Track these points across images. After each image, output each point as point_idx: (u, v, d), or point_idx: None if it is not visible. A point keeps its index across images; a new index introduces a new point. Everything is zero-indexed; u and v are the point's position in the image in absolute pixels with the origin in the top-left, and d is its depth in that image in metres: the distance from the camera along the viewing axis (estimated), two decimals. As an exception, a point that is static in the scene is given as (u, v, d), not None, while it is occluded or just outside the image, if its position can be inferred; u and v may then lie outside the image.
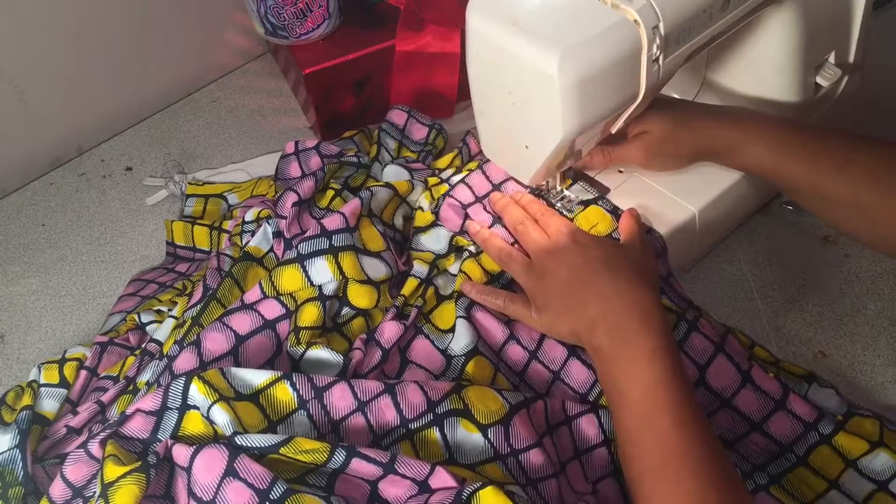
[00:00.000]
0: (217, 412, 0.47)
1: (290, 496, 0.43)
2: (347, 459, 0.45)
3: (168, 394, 0.49)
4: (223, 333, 0.54)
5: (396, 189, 0.65)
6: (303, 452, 0.45)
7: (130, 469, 0.44)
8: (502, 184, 0.66)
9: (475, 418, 0.50)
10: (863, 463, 0.52)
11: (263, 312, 0.56)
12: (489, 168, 0.67)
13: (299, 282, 0.57)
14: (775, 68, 0.65)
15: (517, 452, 0.49)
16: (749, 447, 0.55)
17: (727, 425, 0.55)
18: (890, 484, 0.51)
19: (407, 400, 0.50)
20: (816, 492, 0.52)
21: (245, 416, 0.48)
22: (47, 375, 0.59)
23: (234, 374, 0.50)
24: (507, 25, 0.50)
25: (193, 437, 0.48)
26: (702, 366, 0.56)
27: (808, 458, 0.53)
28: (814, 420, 0.53)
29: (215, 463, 0.44)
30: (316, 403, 0.50)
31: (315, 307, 0.56)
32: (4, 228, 0.80)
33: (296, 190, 0.63)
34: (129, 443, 0.48)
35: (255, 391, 0.50)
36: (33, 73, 0.78)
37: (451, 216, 0.64)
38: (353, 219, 0.60)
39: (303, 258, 0.58)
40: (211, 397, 0.47)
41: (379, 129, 0.76)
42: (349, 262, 0.58)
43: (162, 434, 0.49)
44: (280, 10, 0.76)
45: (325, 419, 0.50)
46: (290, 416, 0.49)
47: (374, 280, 0.58)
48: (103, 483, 0.44)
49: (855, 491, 0.51)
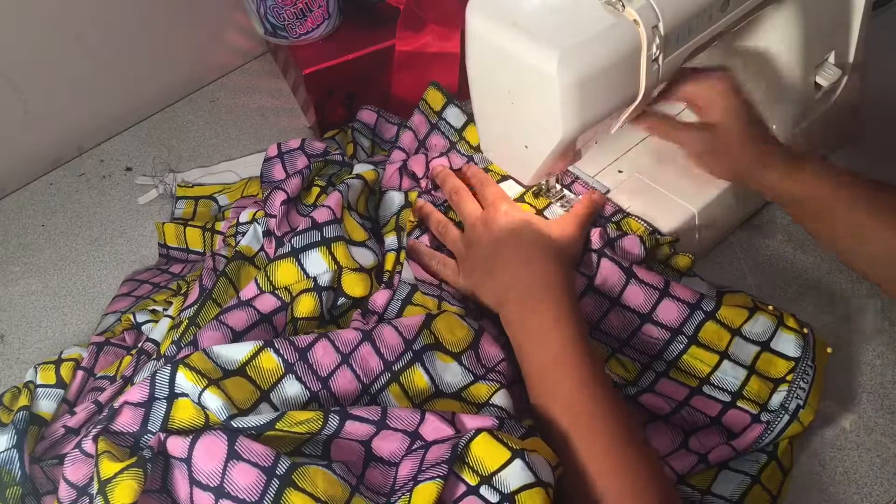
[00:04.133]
0: (209, 398, 0.47)
1: (296, 469, 0.44)
2: (342, 423, 0.46)
3: (155, 383, 0.49)
4: (220, 332, 0.54)
5: (365, 179, 0.66)
6: (297, 424, 0.46)
7: (127, 465, 0.44)
8: (427, 137, 0.71)
9: (447, 349, 0.53)
10: (746, 329, 0.56)
11: (259, 307, 0.56)
12: (414, 122, 0.72)
13: (295, 275, 0.58)
14: (775, 68, 0.65)
15: (491, 370, 0.54)
16: (643, 340, 0.58)
17: (619, 323, 0.59)
18: (771, 342, 0.56)
19: (385, 343, 0.52)
20: (710, 365, 0.56)
21: (236, 392, 0.48)
22: (44, 376, 0.58)
23: (217, 352, 0.50)
24: (507, 25, 0.50)
25: (184, 425, 0.48)
26: (590, 276, 0.60)
27: (698, 336, 0.57)
28: (696, 301, 0.57)
29: (216, 449, 0.45)
30: (302, 364, 0.50)
31: (311, 297, 0.56)
32: (4, 228, 0.80)
33: (283, 188, 0.64)
34: (120, 438, 0.48)
35: (241, 364, 0.50)
36: (33, 73, 0.78)
37: (393, 178, 0.68)
38: (338, 210, 0.61)
39: (297, 251, 0.58)
40: (200, 383, 0.47)
41: (352, 129, 0.77)
42: (342, 251, 0.58)
43: (152, 425, 0.48)
44: (280, 10, 0.76)
45: (313, 378, 0.50)
46: (280, 381, 0.50)
47: (365, 268, 0.59)
48: (100, 480, 0.44)
49: (742, 356, 0.56)
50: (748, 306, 0.57)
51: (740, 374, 0.55)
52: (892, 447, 0.57)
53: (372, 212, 0.66)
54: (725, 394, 0.55)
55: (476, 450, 0.45)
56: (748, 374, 0.55)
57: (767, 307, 0.58)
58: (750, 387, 0.55)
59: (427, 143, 0.72)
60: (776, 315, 0.57)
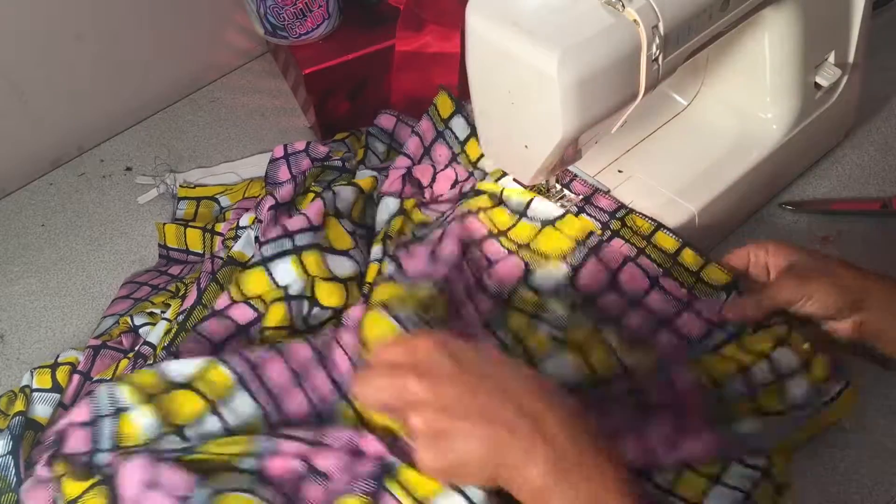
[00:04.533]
0: (138, 415, 0.47)
1: (214, 497, 0.43)
2: (274, 443, 0.46)
3: (96, 401, 0.49)
4: (199, 344, 0.54)
5: (361, 186, 0.65)
6: (227, 444, 0.46)
7: (91, 483, 0.44)
8: (432, 145, 0.69)
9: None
10: (774, 355, 0.54)
11: (236, 318, 0.56)
12: (422, 127, 0.70)
13: (265, 284, 0.57)
14: (775, 68, 0.65)
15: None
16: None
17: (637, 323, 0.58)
18: (786, 380, 0.53)
19: (338, 369, 0.51)
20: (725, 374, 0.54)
21: (181, 405, 0.48)
22: (40, 380, 0.58)
23: (164, 368, 0.50)
24: (507, 25, 0.50)
25: (133, 441, 0.48)
26: (614, 270, 0.60)
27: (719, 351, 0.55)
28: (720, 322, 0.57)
29: (137, 473, 0.44)
30: (254, 379, 0.50)
31: (281, 307, 0.56)
32: (4, 228, 0.80)
33: (273, 195, 0.63)
34: (73, 458, 0.48)
35: (191, 379, 0.50)
36: (33, 73, 0.78)
37: (395, 184, 0.66)
38: (316, 218, 0.60)
39: (266, 260, 0.58)
40: (134, 399, 0.47)
41: (367, 133, 0.76)
42: (313, 260, 0.58)
43: (103, 443, 0.48)
44: (280, 10, 0.76)
45: (265, 395, 0.50)
46: (231, 395, 0.49)
47: (340, 277, 0.58)
48: (67, 502, 0.44)
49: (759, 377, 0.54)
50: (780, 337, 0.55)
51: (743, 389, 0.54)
52: (892, 447, 0.57)
53: (370, 219, 0.66)
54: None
55: (408, 474, 0.44)
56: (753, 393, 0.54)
57: (803, 345, 0.55)
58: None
59: (431, 151, 0.71)
60: (805, 356, 0.54)
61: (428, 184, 0.68)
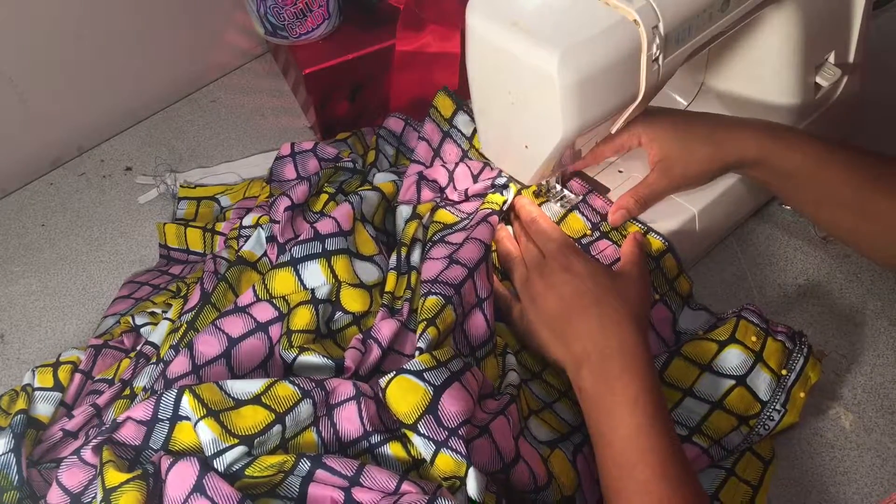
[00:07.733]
0: (202, 429, 0.47)
1: None
2: (313, 469, 0.46)
3: (159, 405, 0.49)
4: (215, 336, 0.54)
5: (383, 191, 0.65)
6: (268, 467, 0.46)
7: (132, 476, 0.44)
8: (440, 146, 0.70)
9: (402, 422, 0.49)
10: (717, 363, 0.55)
11: (256, 315, 0.56)
12: (426, 131, 0.71)
13: (292, 285, 0.57)
14: (775, 68, 0.65)
15: (453, 433, 0.47)
16: None
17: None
18: (747, 378, 0.55)
19: (344, 429, 0.50)
20: (672, 401, 0.56)
21: (247, 420, 0.48)
22: (41, 379, 0.58)
23: (230, 385, 0.50)
24: (507, 25, 0.50)
25: (185, 447, 0.48)
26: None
27: (664, 375, 0.56)
28: (672, 342, 0.60)
29: (186, 477, 0.44)
30: (318, 391, 0.50)
31: (308, 310, 0.56)
32: (4, 228, 0.80)
33: (289, 195, 0.63)
34: (121, 449, 0.48)
35: (257, 395, 0.50)
36: (33, 73, 0.78)
37: (410, 191, 0.67)
38: (346, 223, 0.60)
39: (296, 261, 0.58)
40: (199, 412, 0.47)
41: (376, 136, 0.76)
42: (342, 265, 0.58)
43: (154, 443, 0.48)
44: (280, 10, 0.76)
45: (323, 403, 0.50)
46: (296, 405, 0.49)
47: (366, 284, 0.58)
48: (105, 488, 0.44)
49: (710, 392, 0.55)
50: (726, 338, 0.56)
51: (702, 410, 0.55)
52: (892, 447, 0.57)
53: (389, 225, 0.66)
54: (683, 428, 0.55)
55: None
56: (711, 408, 0.55)
57: (756, 333, 0.56)
58: (710, 422, 0.55)
59: (441, 152, 0.70)
60: (755, 350, 0.55)
61: (447, 183, 0.67)
